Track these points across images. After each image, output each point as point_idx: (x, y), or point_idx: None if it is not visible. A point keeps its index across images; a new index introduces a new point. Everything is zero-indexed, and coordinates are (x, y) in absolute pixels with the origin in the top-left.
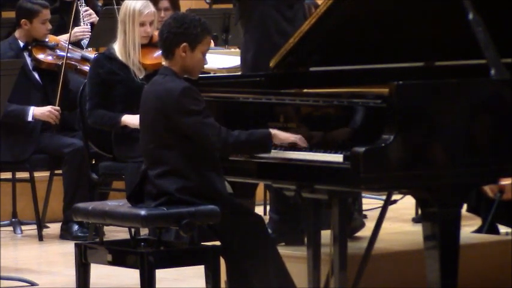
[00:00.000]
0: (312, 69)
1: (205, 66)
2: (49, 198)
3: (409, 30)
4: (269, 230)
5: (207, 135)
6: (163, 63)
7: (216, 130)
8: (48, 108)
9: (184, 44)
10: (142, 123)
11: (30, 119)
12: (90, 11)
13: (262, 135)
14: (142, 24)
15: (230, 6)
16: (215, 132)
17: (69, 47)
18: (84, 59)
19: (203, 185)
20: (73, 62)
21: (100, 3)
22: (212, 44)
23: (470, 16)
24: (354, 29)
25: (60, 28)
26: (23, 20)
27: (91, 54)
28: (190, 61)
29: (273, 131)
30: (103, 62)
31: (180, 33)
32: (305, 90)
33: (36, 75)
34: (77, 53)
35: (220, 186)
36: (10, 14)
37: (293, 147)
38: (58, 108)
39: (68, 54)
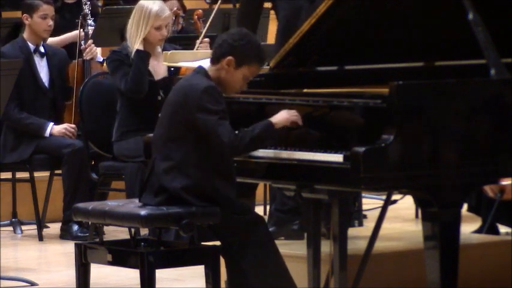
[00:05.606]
0: (312, 69)
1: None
2: (49, 198)
3: (409, 30)
4: (270, 224)
5: (218, 135)
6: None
7: (227, 133)
8: (65, 125)
9: (231, 57)
10: (162, 114)
11: (47, 135)
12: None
13: (264, 128)
14: (159, 28)
15: (230, 6)
16: (226, 135)
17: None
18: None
19: (206, 187)
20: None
21: (100, 3)
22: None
23: (470, 16)
24: (353, 29)
25: (59, 28)
26: (24, 14)
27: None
28: (229, 76)
29: (273, 120)
30: (121, 54)
31: (233, 46)
32: (305, 90)
33: (44, 80)
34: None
35: (230, 195)
36: (10, 14)
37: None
38: (74, 126)
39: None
